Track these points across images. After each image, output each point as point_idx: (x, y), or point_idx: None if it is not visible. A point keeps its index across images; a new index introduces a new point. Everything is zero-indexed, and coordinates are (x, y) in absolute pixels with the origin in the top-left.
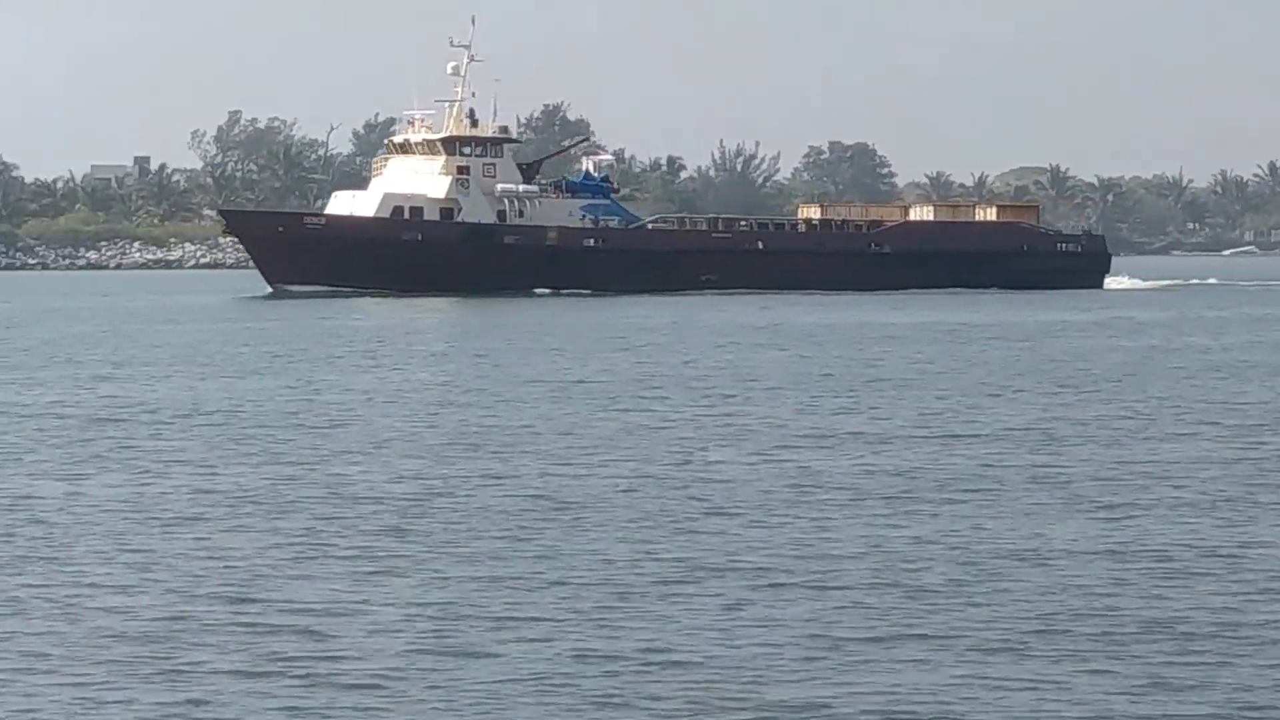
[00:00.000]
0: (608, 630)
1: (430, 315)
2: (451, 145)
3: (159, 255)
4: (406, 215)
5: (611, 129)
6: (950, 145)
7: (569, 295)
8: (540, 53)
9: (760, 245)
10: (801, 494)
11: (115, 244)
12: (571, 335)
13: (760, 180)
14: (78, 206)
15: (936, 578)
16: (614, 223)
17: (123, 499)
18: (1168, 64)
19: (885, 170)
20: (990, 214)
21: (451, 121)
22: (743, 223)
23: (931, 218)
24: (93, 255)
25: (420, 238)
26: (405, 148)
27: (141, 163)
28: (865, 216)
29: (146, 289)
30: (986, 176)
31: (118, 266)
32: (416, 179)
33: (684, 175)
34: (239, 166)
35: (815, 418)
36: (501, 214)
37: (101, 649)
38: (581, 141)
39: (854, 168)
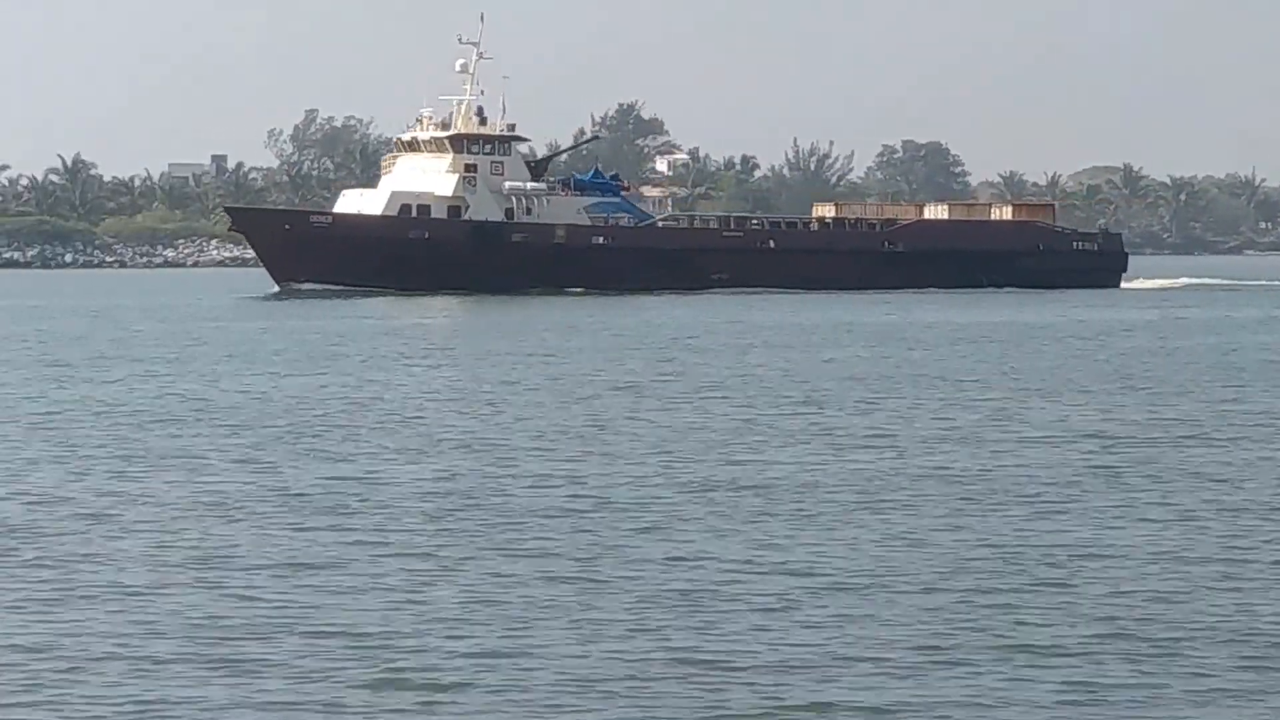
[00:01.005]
0: (689, 633)
1: (468, 315)
2: (459, 143)
3: (236, 253)
4: (414, 213)
5: (686, 128)
6: (1024, 144)
7: (575, 295)
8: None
9: (772, 244)
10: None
11: (193, 242)
12: (638, 336)
13: (834, 179)
14: (155, 205)
15: (1018, 580)
16: (624, 221)
17: (196, 496)
18: (1241, 63)
19: (959, 169)
20: (1005, 213)
21: (460, 119)
22: (754, 221)
23: (946, 216)
24: (170, 253)
25: (427, 236)
26: (413, 146)
27: (219, 161)
28: (880, 215)
29: (216, 287)
30: (1059, 176)
31: (195, 264)
32: (424, 177)
33: (757, 174)
34: (315, 165)
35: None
36: (509, 212)
37: (166, 646)
38: (593, 140)
39: (927, 167)
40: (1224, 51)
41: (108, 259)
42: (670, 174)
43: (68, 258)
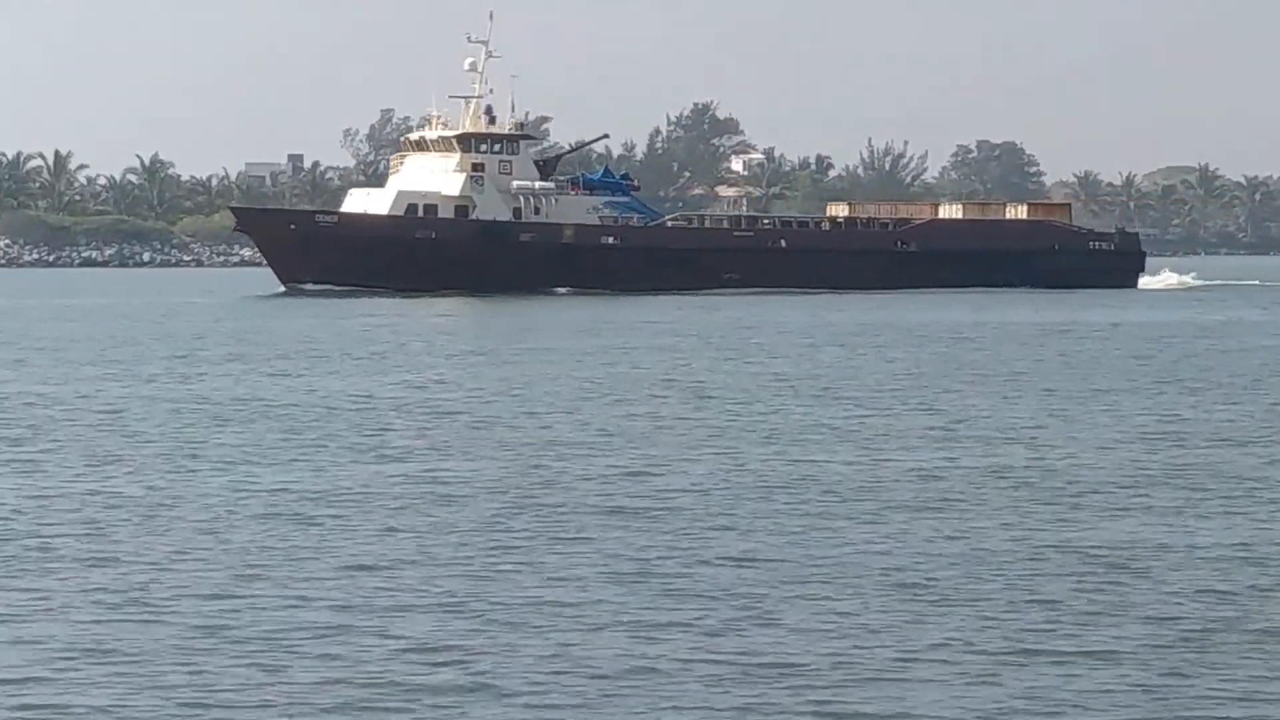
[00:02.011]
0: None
1: (504, 315)
2: (467, 142)
3: None
4: (421, 213)
5: (762, 127)
6: (1099, 144)
7: (584, 294)
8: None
9: (783, 244)
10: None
11: None
12: (678, 333)
13: (908, 179)
14: (232, 204)
15: (1084, 583)
16: (634, 220)
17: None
18: None
19: (1033, 169)
20: (1021, 212)
21: (469, 118)
22: (765, 220)
23: (960, 216)
24: (247, 252)
25: (434, 236)
26: (421, 145)
27: (295, 160)
28: (894, 215)
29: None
30: (1134, 176)
31: None
32: (432, 177)
33: (832, 174)
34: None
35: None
36: (517, 211)
37: (218, 646)
38: (602, 138)
39: (1002, 167)
40: None
41: (185, 258)
42: (745, 174)
43: (145, 257)
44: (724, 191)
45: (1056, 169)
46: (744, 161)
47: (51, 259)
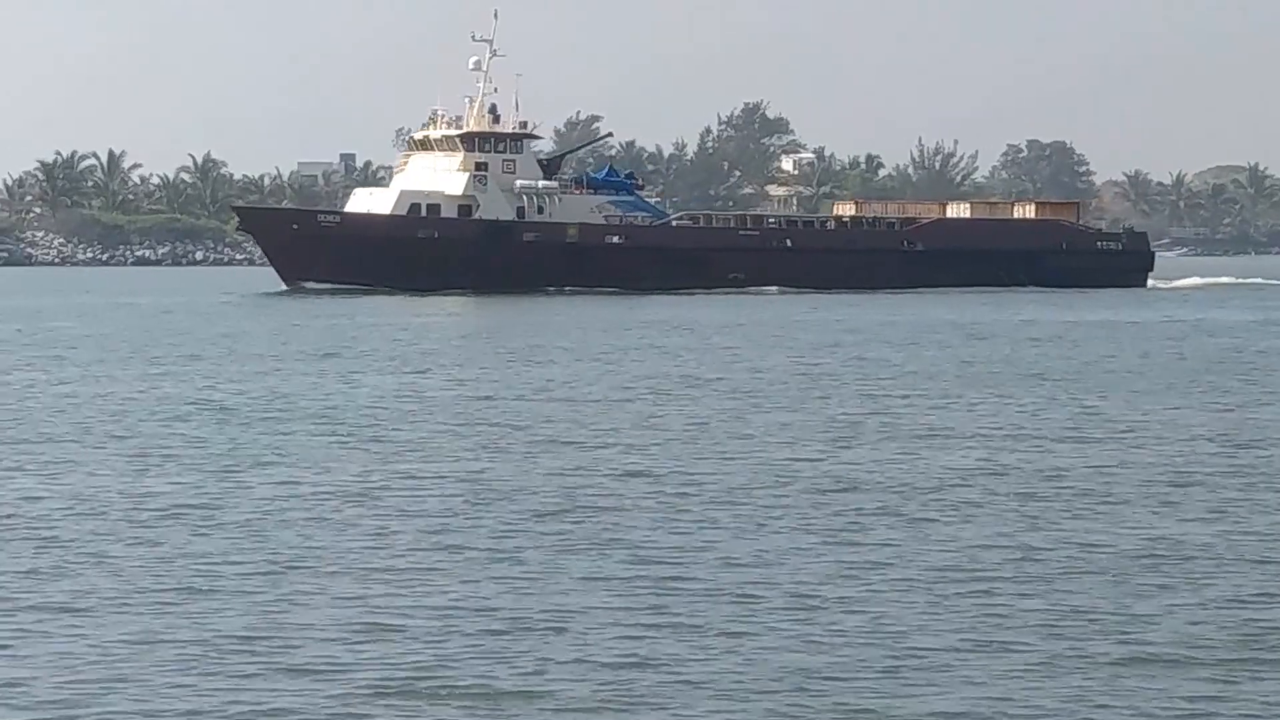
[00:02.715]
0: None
1: (531, 314)
2: (470, 141)
3: None
4: (424, 212)
5: (812, 127)
6: (1149, 144)
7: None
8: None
9: (789, 243)
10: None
11: None
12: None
13: (958, 179)
14: (284, 202)
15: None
16: (638, 219)
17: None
18: None
19: (1083, 169)
20: (1028, 211)
21: (472, 118)
22: (771, 220)
23: (968, 215)
24: None
25: (436, 235)
26: (425, 144)
27: (347, 160)
28: (901, 214)
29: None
30: (1185, 175)
31: None
32: (435, 176)
33: (882, 173)
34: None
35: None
36: (520, 211)
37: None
38: (606, 137)
39: (1052, 166)
40: None
41: (238, 256)
42: (795, 173)
43: (199, 255)
44: (774, 191)
45: (1106, 168)
46: (794, 161)
47: (105, 258)
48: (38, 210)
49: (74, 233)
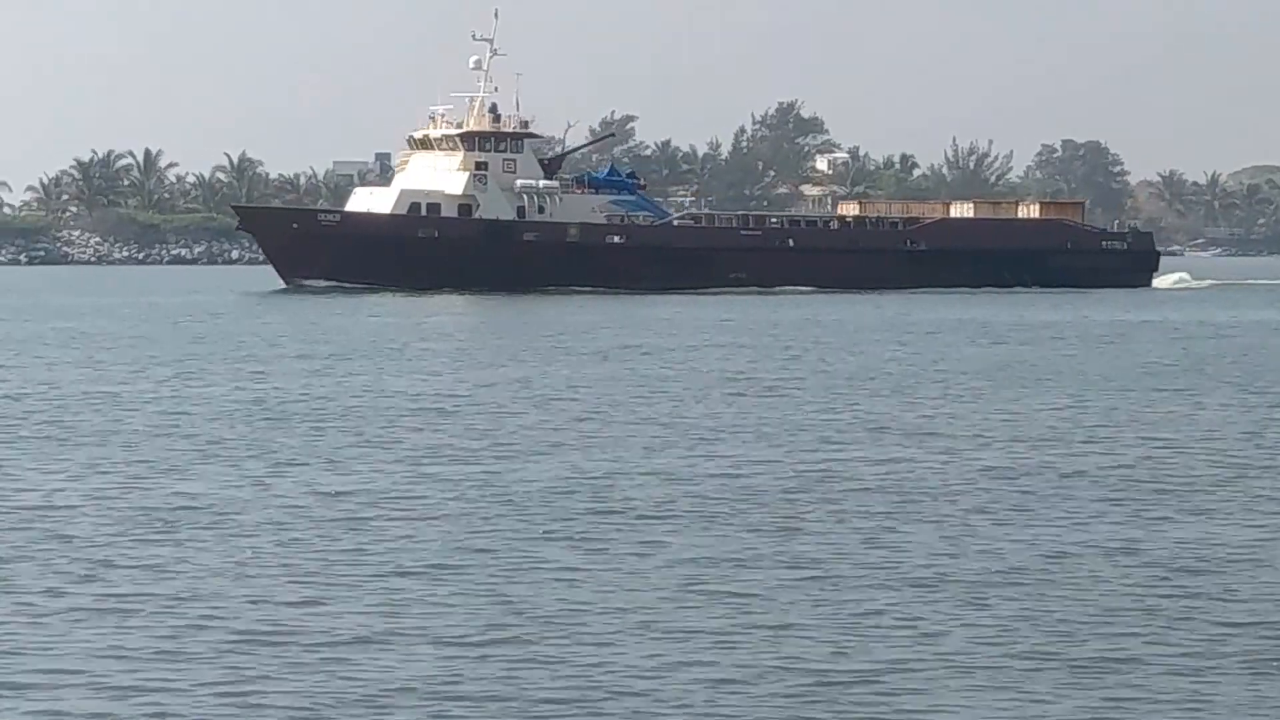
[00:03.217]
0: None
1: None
2: (470, 140)
3: None
4: (423, 212)
5: (847, 126)
6: (1184, 143)
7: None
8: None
9: (791, 243)
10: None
11: None
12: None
13: (992, 179)
14: (319, 201)
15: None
16: (640, 219)
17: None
18: None
19: (1117, 169)
20: (1033, 211)
21: (473, 117)
22: (773, 219)
23: (972, 215)
24: None
25: (436, 234)
26: (426, 143)
27: (382, 159)
28: (905, 213)
29: None
30: (1219, 175)
31: None
32: (435, 175)
33: (916, 173)
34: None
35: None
36: (521, 210)
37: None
38: (608, 137)
39: (1086, 166)
40: None
41: None
42: (830, 173)
43: (234, 254)
44: (808, 190)
45: (1141, 168)
46: (828, 160)
47: (141, 256)
48: (74, 209)
49: (110, 232)
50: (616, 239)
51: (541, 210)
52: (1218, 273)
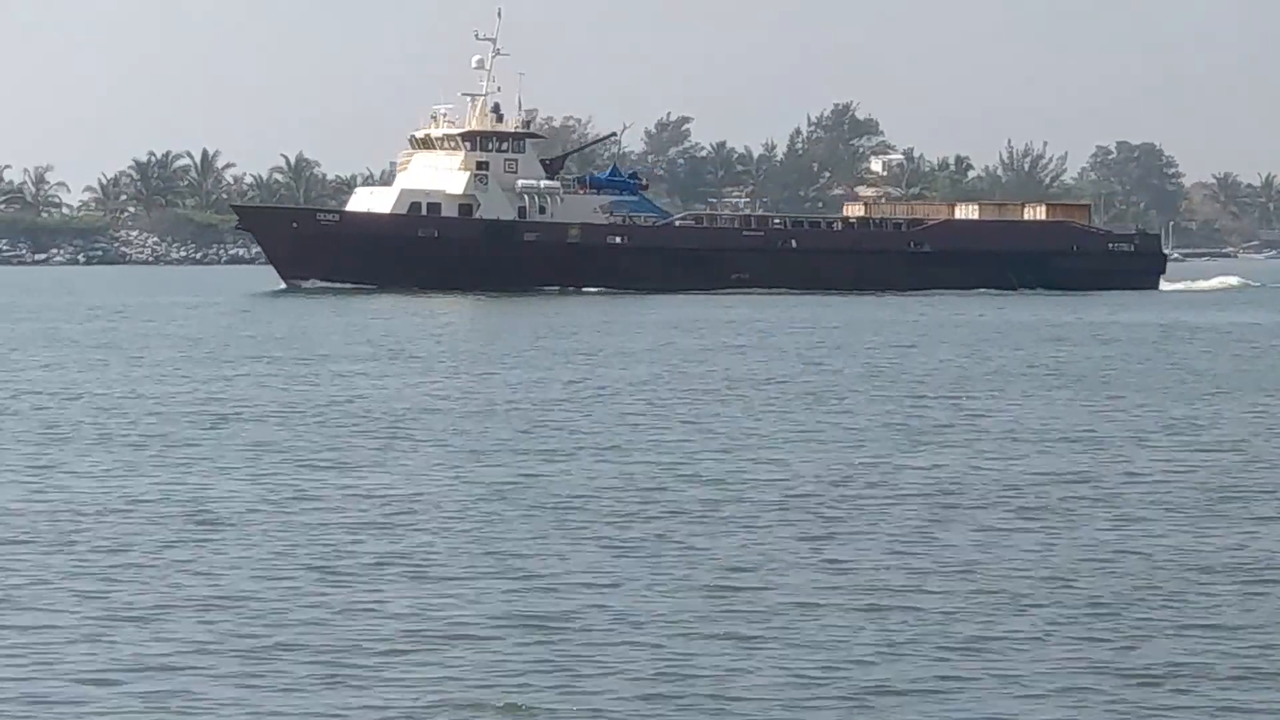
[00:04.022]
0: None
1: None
2: (472, 140)
3: None
4: (424, 211)
5: (902, 128)
6: (1239, 145)
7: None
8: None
9: (794, 244)
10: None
11: None
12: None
13: (1047, 180)
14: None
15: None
16: (641, 219)
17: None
18: None
19: (1171, 171)
20: (1039, 212)
21: (475, 117)
22: (776, 220)
23: (977, 216)
24: None
25: (437, 234)
26: (427, 143)
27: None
28: (910, 215)
29: None
30: (1275, 177)
31: None
32: (436, 175)
33: (971, 175)
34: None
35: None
36: (522, 210)
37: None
38: (610, 137)
39: (1140, 168)
40: None
41: None
42: (885, 174)
43: None
44: (863, 192)
45: (1195, 170)
46: (883, 162)
47: (199, 256)
48: (132, 210)
49: (168, 232)
50: (617, 239)
51: (542, 210)
52: (1273, 275)
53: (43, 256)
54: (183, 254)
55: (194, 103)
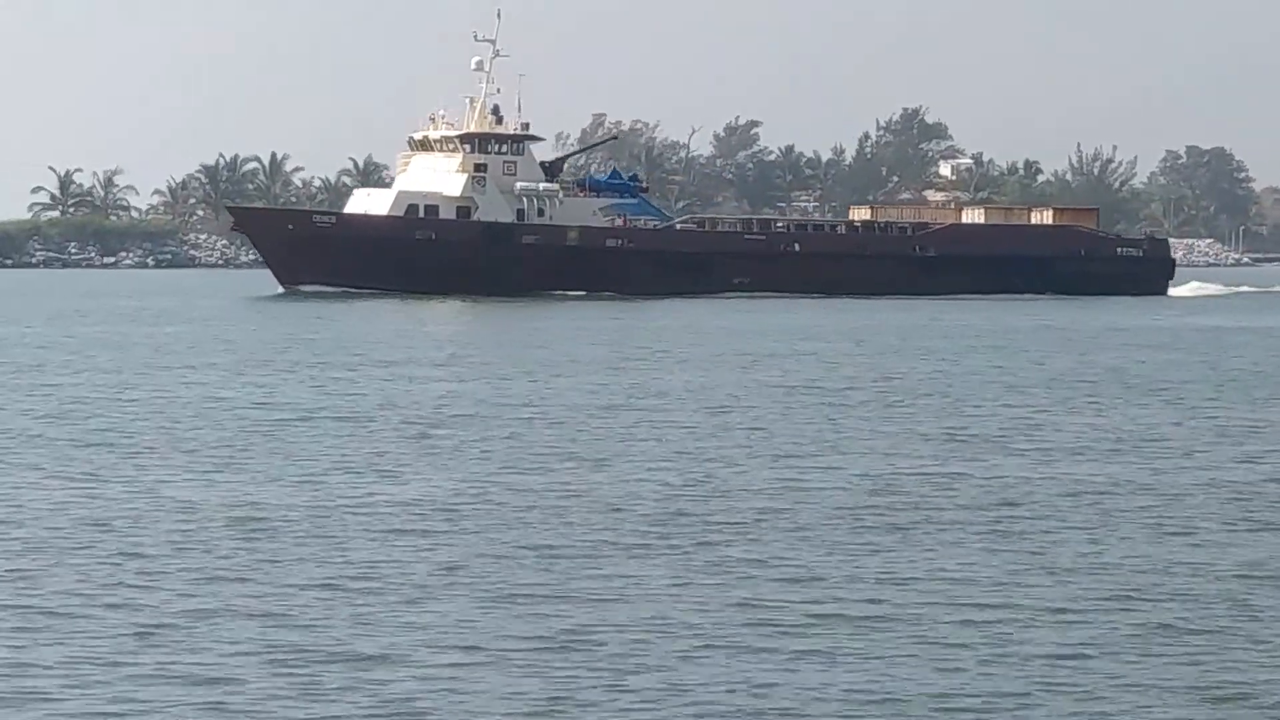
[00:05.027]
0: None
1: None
2: (471, 142)
3: None
4: (421, 214)
5: (971, 132)
6: None
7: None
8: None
9: (796, 247)
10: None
11: None
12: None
13: (1117, 184)
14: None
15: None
16: (642, 223)
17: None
18: None
19: (1242, 175)
20: (1046, 216)
21: (475, 118)
22: (779, 224)
23: (983, 220)
24: None
25: (434, 237)
26: (425, 145)
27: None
28: (916, 218)
29: None
30: None
31: None
32: (434, 177)
33: (1041, 179)
34: (602, 168)
35: None
36: (520, 213)
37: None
38: (610, 140)
39: (1210, 172)
40: None
41: None
42: (954, 178)
43: None
44: (932, 196)
45: (1266, 174)
46: (952, 166)
47: None
48: (200, 213)
49: (237, 235)
50: (617, 243)
51: (541, 213)
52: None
53: (111, 260)
54: (252, 256)
55: (262, 106)
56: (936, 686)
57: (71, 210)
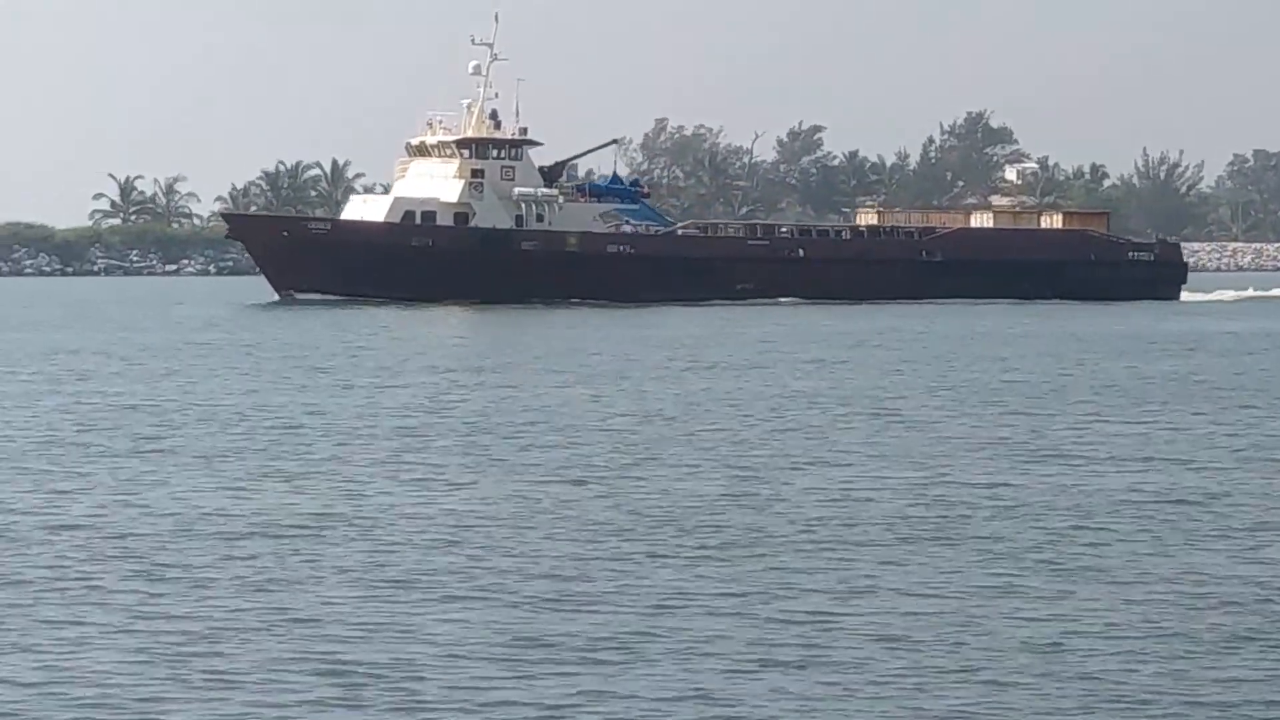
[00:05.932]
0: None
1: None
2: (468, 147)
3: None
4: (418, 220)
5: (1036, 136)
6: None
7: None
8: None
9: (801, 253)
10: None
11: None
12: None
13: (1183, 189)
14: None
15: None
16: (643, 228)
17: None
18: None
19: None
20: (1056, 221)
21: (473, 123)
22: (783, 229)
23: (991, 224)
24: None
25: (431, 243)
26: (423, 150)
27: (569, 169)
28: (924, 223)
29: None
30: None
31: None
32: (431, 182)
33: (1107, 184)
34: (664, 173)
35: None
36: (519, 219)
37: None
38: (611, 143)
39: (1278, 176)
40: None
41: None
42: (1019, 183)
43: None
44: (997, 201)
45: None
46: (1018, 171)
47: None
48: None
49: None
50: (617, 248)
51: (540, 219)
52: None
53: (173, 268)
54: None
55: (323, 113)
56: (987, 702)
57: (133, 218)
